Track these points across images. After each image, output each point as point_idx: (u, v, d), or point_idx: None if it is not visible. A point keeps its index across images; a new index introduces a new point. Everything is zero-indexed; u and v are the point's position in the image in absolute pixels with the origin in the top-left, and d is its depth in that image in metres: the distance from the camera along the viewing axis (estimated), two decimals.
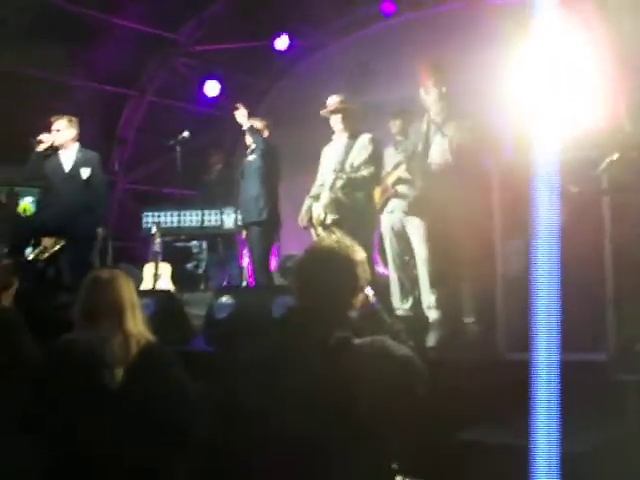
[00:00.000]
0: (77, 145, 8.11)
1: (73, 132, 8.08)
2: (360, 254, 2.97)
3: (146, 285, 9.60)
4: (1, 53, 10.87)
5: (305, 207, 7.45)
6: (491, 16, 9.36)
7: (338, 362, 2.72)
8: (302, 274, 2.98)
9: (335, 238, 3.06)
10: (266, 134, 8.59)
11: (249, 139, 8.50)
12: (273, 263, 11.75)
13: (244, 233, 9.08)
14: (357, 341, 2.79)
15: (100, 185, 8.08)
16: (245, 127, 8.26)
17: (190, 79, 12.52)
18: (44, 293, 6.50)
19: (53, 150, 8.04)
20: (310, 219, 7.32)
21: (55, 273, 8.67)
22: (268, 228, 8.35)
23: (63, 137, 8.00)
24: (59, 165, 8.00)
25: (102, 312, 3.49)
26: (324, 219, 7.04)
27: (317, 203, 7.24)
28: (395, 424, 2.76)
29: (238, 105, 8.28)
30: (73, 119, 8.13)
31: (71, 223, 7.89)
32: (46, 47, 11.37)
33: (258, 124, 8.48)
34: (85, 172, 7.95)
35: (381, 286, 7.02)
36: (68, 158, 8.02)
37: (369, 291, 3.18)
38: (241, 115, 8.23)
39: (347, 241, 3.03)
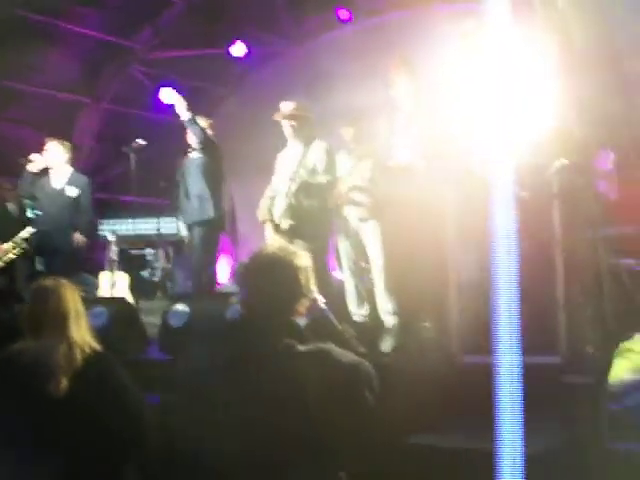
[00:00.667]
0: (70, 169, 8.40)
1: (65, 155, 8.36)
2: (303, 260, 2.97)
3: (102, 293, 9.54)
4: None
5: (264, 203, 7.31)
6: (443, 23, 9.42)
7: (283, 370, 2.73)
8: (245, 281, 2.98)
9: (278, 244, 3.07)
10: (209, 133, 8.33)
11: (190, 135, 8.22)
12: (224, 269, 11.75)
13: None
14: (301, 348, 2.79)
15: (88, 206, 8.32)
16: (184, 118, 7.94)
17: (146, 86, 12.45)
18: None
19: (43, 170, 8.27)
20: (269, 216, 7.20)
21: (8, 282, 8.62)
22: (213, 228, 8.14)
23: (54, 158, 8.23)
24: (48, 184, 8.22)
25: (46, 321, 3.48)
26: (279, 224, 7.01)
27: (273, 207, 7.17)
28: (342, 431, 2.76)
29: (170, 89, 8.21)
30: (66, 144, 8.44)
31: (58, 238, 8.15)
32: (1, 54, 11.29)
33: (201, 122, 8.26)
34: (73, 191, 8.22)
35: (336, 292, 7.04)
36: (58, 178, 8.26)
37: (318, 297, 3.18)
38: (180, 105, 7.98)
39: (290, 247, 3.03)
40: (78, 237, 8.20)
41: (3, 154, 12.22)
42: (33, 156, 8.18)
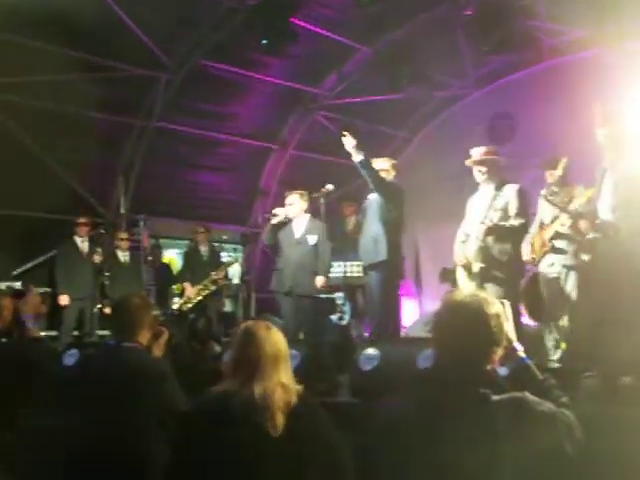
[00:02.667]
0: (308, 216, 8.61)
1: (304, 205, 8.58)
2: (495, 307, 2.91)
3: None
4: (147, 108, 11.35)
5: (459, 247, 7.27)
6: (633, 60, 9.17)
7: (476, 420, 2.68)
8: (437, 328, 2.95)
9: (469, 291, 3.02)
10: (392, 175, 8.14)
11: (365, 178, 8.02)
12: (409, 312, 11.71)
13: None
14: (495, 398, 2.72)
15: (325, 250, 8.48)
16: (355, 160, 7.70)
17: (330, 131, 12.69)
18: (195, 344, 6.61)
19: (286, 220, 8.57)
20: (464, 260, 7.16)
21: (205, 324, 8.87)
22: (388, 270, 7.97)
23: (295, 210, 8.51)
24: (291, 233, 8.52)
25: (260, 364, 3.50)
26: (471, 267, 6.94)
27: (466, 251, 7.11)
28: None
29: (345, 132, 7.78)
30: (304, 193, 8.60)
31: (298, 282, 8.33)
32: (194, 103, 11.82)
33: (384, 164, 8.14)
34: (312, 239, 8.44)
35: (528, 338, 6.90)
36: (299, 226, 8.54)
37: (518, 346, 3.11)
38: (349, 144, 7.67)
39: (481, 294, 2.98)
40: (320, 280, 8.37)
41: (202, 199, 12.81)
42: (277, 210, 8.60)
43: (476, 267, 6.85)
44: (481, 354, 2.84)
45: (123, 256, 10.31)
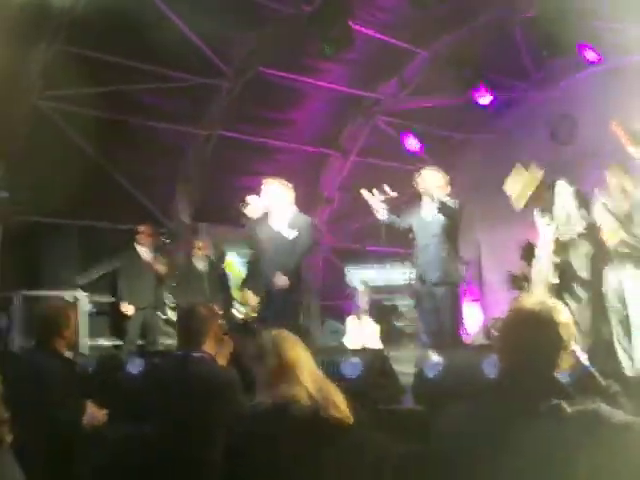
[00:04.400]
0: (292, 208, 8.08)
1: (285, 195, 8.05)
2: (564, 315, 2.84)
3: (349, 340, 9.64)
4: (207, 116, 11.42)
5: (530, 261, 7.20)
6: None
7: (547, 430, 2.60)
8: (505, 336, 2.89)
9: (537, 298, 2.94)
10: (447, 190, 7.97)
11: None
12: (472, 318, 11.60)
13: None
14: (569, 409, 2.65)
15: (301, 247, 7.92)
16: (434, 198, 7.77)
17: (391, 136, 12.64)
18: None
19: (264, 212, 7.97)
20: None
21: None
22: (455, 287, 8.00)
23: (273, 199, 7.97)
24: (269, 226, 7.97)
25: (277, 373, 3.52)
26: (545, 279, 6.83)
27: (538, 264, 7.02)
28: None
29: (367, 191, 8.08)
30: (285, 182, 8.13)
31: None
32: (252, 110, 11.87)
33: (439, 180, 7.92)
34: (291, 233, 7.89)
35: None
36: (279, 219, 7.97)
37: (581, 354, 3.04)
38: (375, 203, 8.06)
39: (549, 301, 2.91)
40: (280, 279, 7.77)
41: None
42: (250, 198, 7.94)
43: (552, 279, 6.74)
44: (551, 362, 2.78)
45: (201, 265, 10.34)
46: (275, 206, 7.97)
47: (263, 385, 3.59)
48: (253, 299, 9.88)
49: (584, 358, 3.11)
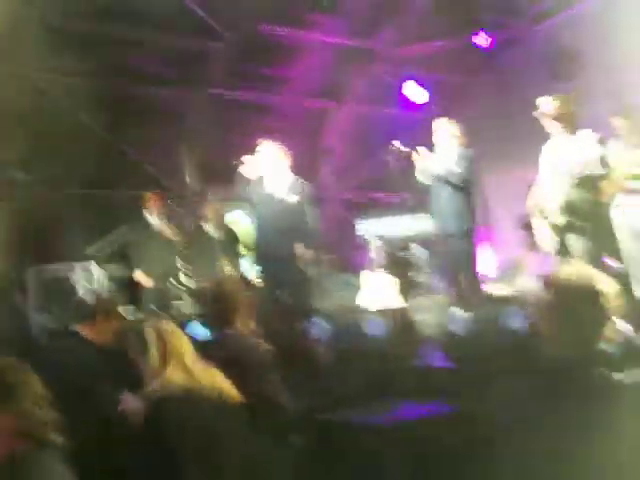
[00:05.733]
0: (286, 171, 8.03)
1: (281, 158, 8.01)
2: (603, 284, 2.81)
3: (364, 294, 9.58)
4: (205, 78, 11.34)
5: (533, 199, 7.10)
6: None
7: (597, 402, 2.59)
8: (547, 309, 2.85)
9: (576, 269, 2.91)
10: (463, 140, 8.09)
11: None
12: (488, 260, 11.58)
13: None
14: (617, 378, 2.63)
15: (304, 211, 7.95)
16: (449, 149, 7.85)
17: (390, 84, 12.53)
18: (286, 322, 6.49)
19: (259, 173, 7.96)
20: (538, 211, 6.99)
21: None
22: (472, 236, 8.05)
23: (268, 160, 7.94)
24: (264, 188, 7.96)
25: None
26: (554, 221, 6.75)
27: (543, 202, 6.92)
28: None
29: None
30: (279, 144, 8.07)
31: (283, 245, 7.85)
32: (251, 68, 11.78)
33: (455, 129, 8.06)
34: (292, 197, 7.89)
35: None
36: (276, 183, 7.95)
37: (624, 325, 3.01)
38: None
39: (589, 271, 2.88)
40: (300, 250, 7.82)
41: None
42: (245, 157, 7.88)
43: (562, 220, 6.66)
44: (595, 334, 2.76)
45: (211, 228, 10.24)
46: (272, 169, 7.92)
47: (150, 374, 3.71)
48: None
49: (625, 326, 3.06)
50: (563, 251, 6.67)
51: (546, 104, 6.90)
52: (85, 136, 9.76)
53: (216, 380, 3.75)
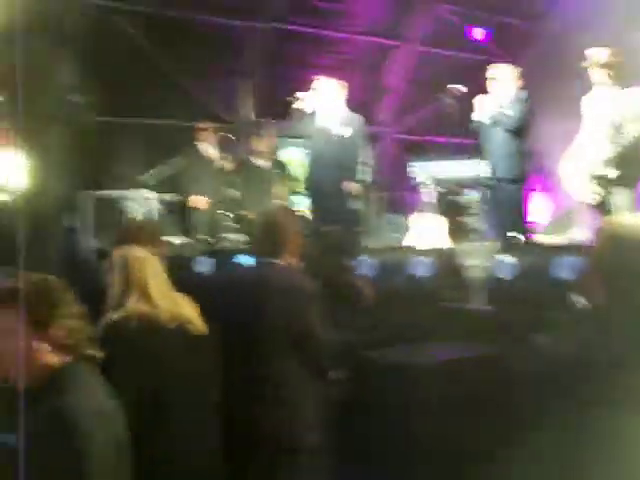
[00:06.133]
0: (342, 106, 8.05)
1: (334, 91, 8.02)
2: None
3: (412, 235, 9.47)
4: (267, 9, 11.26)
5: (576, 151, 6.98)
6: None
7: None
8: (600, 263, 2.72)
9: (629, 218, 2.81)
10: (520, 83, 7.90)
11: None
12: (539, 207, 11.42)
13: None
14: None
15: (357, 146, 8.00)
16: (506, 92, 7.70)
17: (455, 25, 12.31)
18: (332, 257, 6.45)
19: (314, 107, 8.01)
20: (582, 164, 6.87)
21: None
22: (524, 182, 7.95)
23: (324, 96, 7.97)
24: (318, 121, 8.00)
25: None
26: (602, 174, 6.63)
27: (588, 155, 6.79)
28: None
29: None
30: (336, 79, 8.11)
31: (334, 180, 7.90)
32: (311, 2, 11.66)
33: (511, 73, 7.84)
34: (346, 131, 7.92)
35: None
36: (330, 117, 7.98)
37: None
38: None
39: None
40: (348, 185, 7.91)
41: None
42: (301, 94, 7.98)
43: (612, 173, 6.55)
44: None
45: (263, 161, 10.19)
46: (327, 104, 7.96)
47: (114, 301, 3.68)
48: None
49: None
50: (606, 204, 6.60)
51: (597, 53, 6.74)
52: (143, 66, 9.78)
53: (182, 312, 3.73)
